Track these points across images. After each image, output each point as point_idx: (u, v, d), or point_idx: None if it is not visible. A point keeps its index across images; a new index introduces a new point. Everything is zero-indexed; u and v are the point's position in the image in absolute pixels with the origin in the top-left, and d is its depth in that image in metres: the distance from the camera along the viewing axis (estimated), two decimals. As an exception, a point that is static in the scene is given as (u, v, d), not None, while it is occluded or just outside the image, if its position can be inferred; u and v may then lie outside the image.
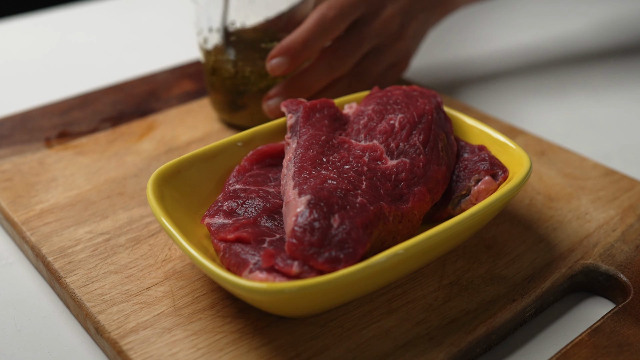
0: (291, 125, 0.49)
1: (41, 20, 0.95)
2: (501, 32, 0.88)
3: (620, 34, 0.89)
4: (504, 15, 0.93)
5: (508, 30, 0.89)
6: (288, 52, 0.56)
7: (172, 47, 0.87)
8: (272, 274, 0.38)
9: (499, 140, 0.49)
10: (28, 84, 0.78)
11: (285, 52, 0.56)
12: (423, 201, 0.44)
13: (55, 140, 0.61)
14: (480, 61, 0.80)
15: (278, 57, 0.56)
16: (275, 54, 0.56)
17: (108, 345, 0.40)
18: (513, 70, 0.78)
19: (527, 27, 0.91)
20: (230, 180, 0.48)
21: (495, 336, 0.42)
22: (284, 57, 0.56)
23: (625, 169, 0.59)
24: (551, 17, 0.94)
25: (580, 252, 0.47)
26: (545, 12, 0.96)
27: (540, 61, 0.81)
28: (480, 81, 0.76)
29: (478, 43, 0.86)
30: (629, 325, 0.42)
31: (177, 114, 0.65)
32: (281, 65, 0.56)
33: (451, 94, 0.72)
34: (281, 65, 0.56)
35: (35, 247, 0.48)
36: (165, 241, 0.48)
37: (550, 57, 0.82)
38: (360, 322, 0.42)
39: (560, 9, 0.97)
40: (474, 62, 0.80)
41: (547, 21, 0.93)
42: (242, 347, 0.40)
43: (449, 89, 0.74)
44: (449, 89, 0.74)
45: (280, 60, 0.56)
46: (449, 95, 0.71)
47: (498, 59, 0.82)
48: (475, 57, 0.81)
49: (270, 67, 0.56)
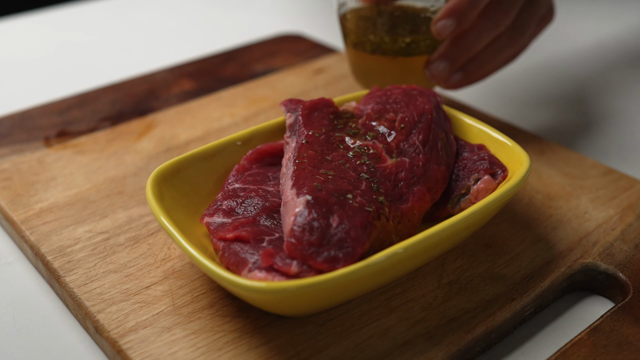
0: (290, 124, 0.49)
1: (40, 20, 0.95)
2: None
3: (619, 33, 0.89)
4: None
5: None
6: (455, 12, 0.54)
7: (171, 46, 0.87)
8: (271, 273, 0.38)
9: (498, 140, 0.49)
10: (27, 83, 0.78)
11: (453, 13, 0.54)
12: (422, 200, 0.44)
13: (55, 140, 0.61)
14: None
15: (444, 19, 0.54)
16: (442, 16, 0.54)
17: (107, 344, 0.40)
18: (512, 69, 0.78)
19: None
20: (229, 179, 0.48)
21: (495, 335, 0.42)
22: (451, 18, 0.54)
23: (624, 168, 0.59)
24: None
25: (580, 251, 0.47)
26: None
27: (539, 60, 0.81)
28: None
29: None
30: (628, 324, 0.42)
31: (177, 113, 0.65)
32: (448, 27, 0.54)
33: (450, 93, 0.72)
34: (448, 27, 0.54)
35: (34, 246, 0.48)
36: (165, 240, 0.48)
37: (549, 56, 0.82)
38: (359, 321, 0.42)
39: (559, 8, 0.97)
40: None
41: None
42: (241, 346, 0.40)
43: (530, 44, 0.73)
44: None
45: (447, 22, 0.54)
46: (448, 95, 0.71)
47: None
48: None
49: (436, 30, 0.54)
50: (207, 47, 0.83)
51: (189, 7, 1.00)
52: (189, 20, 0.96)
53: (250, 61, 0.76)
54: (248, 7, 0.99)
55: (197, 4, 1.01)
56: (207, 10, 0.99)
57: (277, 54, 0.77)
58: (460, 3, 0.54)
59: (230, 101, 0.67)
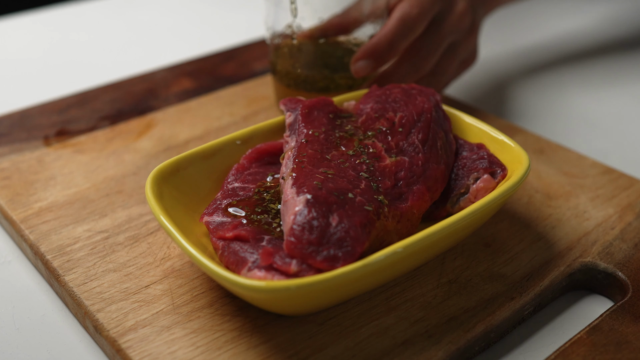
0: (290, 124, 0.49)
1: (40, 19, 0.95)
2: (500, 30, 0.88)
3: (619, 32, 0.89)
4: (502, 14, 0.92)
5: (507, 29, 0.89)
6: (373, 54, 0.55)
7: (170, 45, 0.87)
8: (271, 272, 0.38)
9: (497, 139, 0.49)
10: (26, 82, 0.78)
11: (371, 54, 0.55)
12: (422, 200, 0.44)
13: (54, 139, 0.61)
14: (479, 60, 0.80)
15: (363, 59, 0.55)
16: (360, 56, 0.55)
17: (107, 343, 0.40)
18: (512, 69, 0.78)
19: (526, 25, 0.91)
20: (229, 178, 0.48)
21: (494, 334, 0.42)
22: (369, 59, 0.55)
23: (624, 167, 0.59)
24: (550, 15, 0.94)
25: (579, 250, 0.47)
26: (543, 10, 0.96)
27: (539, 59, 0.81)
28: (479, 79, 0.76)
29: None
30: (628, 323, 0.42)
31: (176, 112, 0.65)
32: (366, 67, 0.55)
33: (450, 92, 0.72)
34: (366, 67, 0.55)
35: (34, 246, 0.48)
36: (164, 239, 0.48)
37: (549, 55, 0.82)
38: (358, 321, 0.42)
39: (559, 7, 0.97)
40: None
41: (545, 19, 0.93)
42: (240, 345, 0.40)
43: (448, 87, 0.74)
44: (447, 87, 0.74)
45: (365, 63, 0.55)
46: (448, 94, 0.71)
47: (497, 57, 0.81)
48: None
49: (355, 69, 0.56)
50: (206, 46, 0.83)
51: (188, 6, 1.00)
52: (188, 19, 0.96)
53: (249, 60, 0.76)
54: (248, 6, 0.99)
55: (197, 3, 1.01)
56: (207, 9, 0.99)
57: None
58: (378, 45, 0.55)
59: (230, 100, 0.67)
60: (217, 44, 0.83)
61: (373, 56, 0.55)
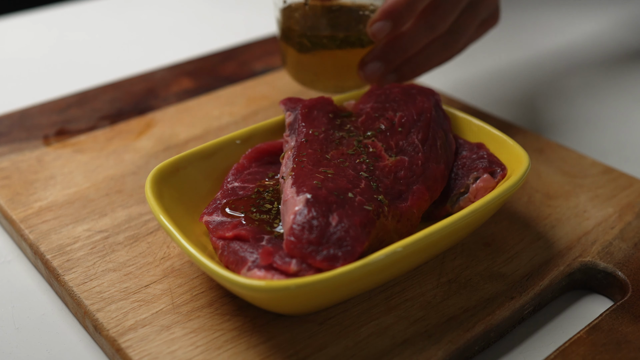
0: (290, 123, 0.49)
1: (39, 18, 0.95)
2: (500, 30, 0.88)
3: (619, 33, 0.89)
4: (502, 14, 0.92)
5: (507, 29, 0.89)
6: (391, 14, 0.53)
7: (170, 44, 0.86)
8: (270, 271, 0.38)
9: (497, 138, 0.49)
10: (26, 82, 0.78)
11: (389, 15, 0.53)
12: (422, 199, 0.44)
13: (54, 138, 0.61)
14: (478, 59, 0.80)
15: (380, 20, 0.53)
16: (378, 17, 0.54)
17: (106, 343, 0.40)
18: (512, 68, 0.78)
19: (526, 25, 0.91)
20: (228, 178, 0.48)
21: (494, 334, 0.42)
22: (387, 20, 0.53)
23: (623, 166, 0.59)
24: (550, 15, 0.94)
25: (579, 250, 0.47)
26: (544, 10, 0.96)
27: (539, 59, 0.81)
28: (478, 79, 0.76)
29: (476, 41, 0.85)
30: (627, 323, 0.42)
31: (176, 112, 0.65)
32: (384, 29, 0.53)
33: (449, 92, 0.72)
34: (384, 29, 0.53)
35: (33, 245, 0.48)
36: (164, 239, 0.48)
37: (549, 55, 0.82)
38: (358, 320, 0.42)
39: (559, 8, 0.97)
40: (472, 60, 0.80)
41: (546, 20, 0.93)
42: (240, 344, 0.40)
43: (448, 86, 0.74)
44: (447, 86, 0.74)
45: (383, 24, 0.53)
46: (447, 93, 0.71)
47: (496, 57, 0.82)
48: (473, 55, 0.81)
49: (372, 31, 0.54)
50: (206, 46, 0.83)
51: (188, 6, 1.00)
52: (188, 18, 0.96)
53: (249, 60, 0.76)
54: (247, 5, 0.99)
55: (197, 3, 1.01)
56: (207, 8, 0.99)
57: (277, 52, 0.77)
58: (397, 5, 0.53)
59: (230, 100, 0.67)
60: (217, 43, 0.83)
61: (392, 17, 0.53)
